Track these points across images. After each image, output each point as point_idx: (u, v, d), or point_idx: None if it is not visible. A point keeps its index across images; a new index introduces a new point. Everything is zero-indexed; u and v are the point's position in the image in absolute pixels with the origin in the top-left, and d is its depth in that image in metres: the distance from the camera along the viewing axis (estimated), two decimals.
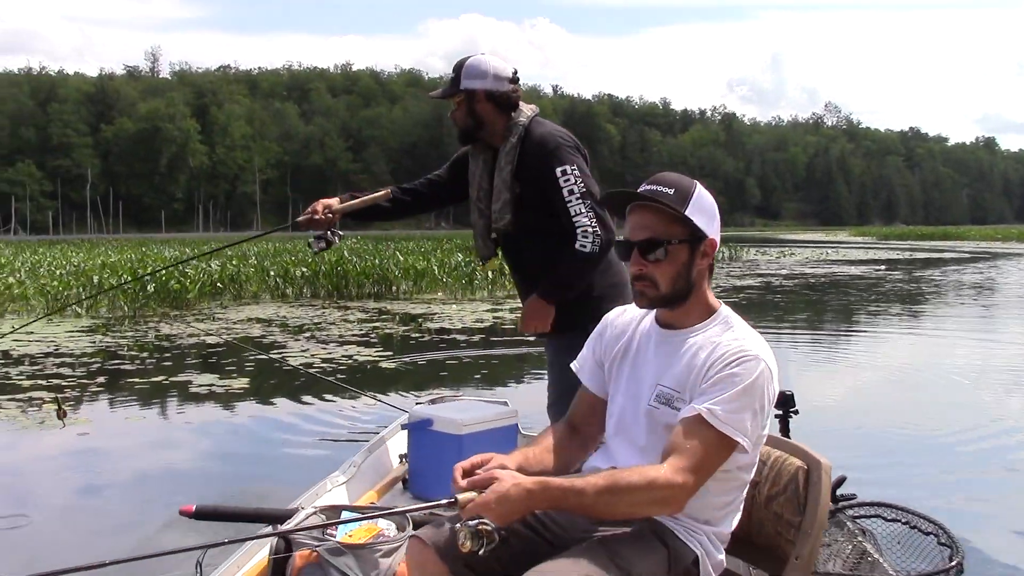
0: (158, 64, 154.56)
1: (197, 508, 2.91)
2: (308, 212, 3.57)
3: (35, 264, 24.16)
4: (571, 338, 3.31)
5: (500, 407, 3.56)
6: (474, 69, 3.35)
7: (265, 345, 11.76)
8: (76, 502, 5.39)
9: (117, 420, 7.56)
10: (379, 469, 3.65)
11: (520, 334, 3.54)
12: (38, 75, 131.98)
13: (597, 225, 3.19)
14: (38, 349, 11.38)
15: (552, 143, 3.29)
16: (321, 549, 2.51)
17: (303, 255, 25.83)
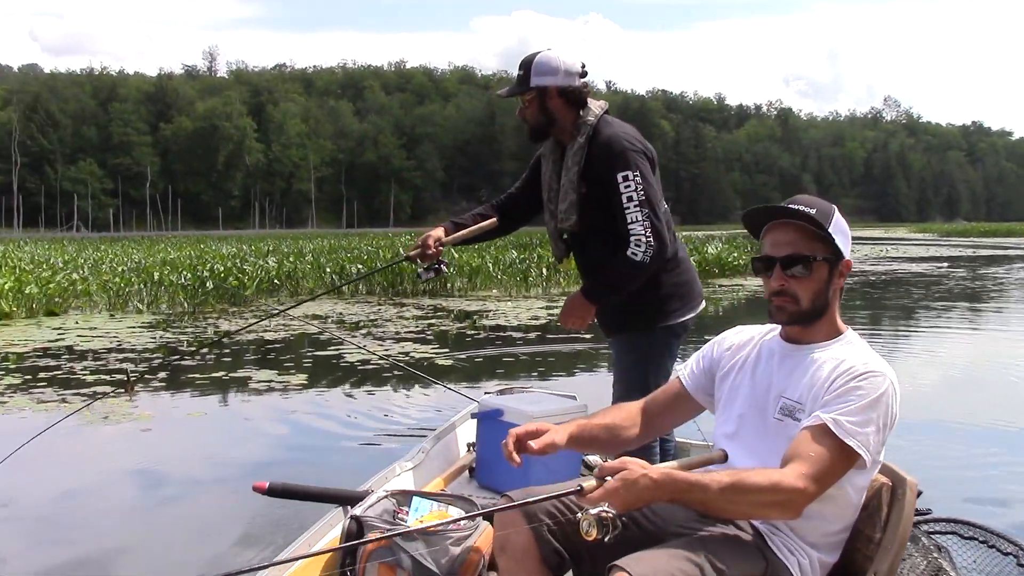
0: (215, 63, 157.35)
1: (270, 485, 2.96)
2: (419, 245, 3.58)
3: (97, 261, 24.62)
4: (637, 337, 3.44)
5: (569, 400, 3.52)
6: (544, 65, 3.30)
7: (323, 342, 11.82)
8: (150, 493, 5.43)
9: (179, 415, 7.61)
10: (447, 456, 3.65)
11: (578, 332, 3.49)
12: (99, 75, 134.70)
13: (651, 235, 3.17)
14: (101, 344, 11.55)
15: (618, 146, 3.25)
16: (393, 533, 2.53)
17: (358, 252, 26.03)
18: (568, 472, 3.37)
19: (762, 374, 2.24)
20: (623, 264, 3.20)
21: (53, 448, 6.43)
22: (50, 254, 28.20)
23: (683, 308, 3.44)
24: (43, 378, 9.11)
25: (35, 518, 4.94)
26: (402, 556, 2.53)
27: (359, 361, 10.15)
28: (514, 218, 3.76)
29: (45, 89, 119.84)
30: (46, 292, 15.83)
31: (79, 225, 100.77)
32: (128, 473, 5.88)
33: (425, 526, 2.64)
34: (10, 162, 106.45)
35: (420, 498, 2.84)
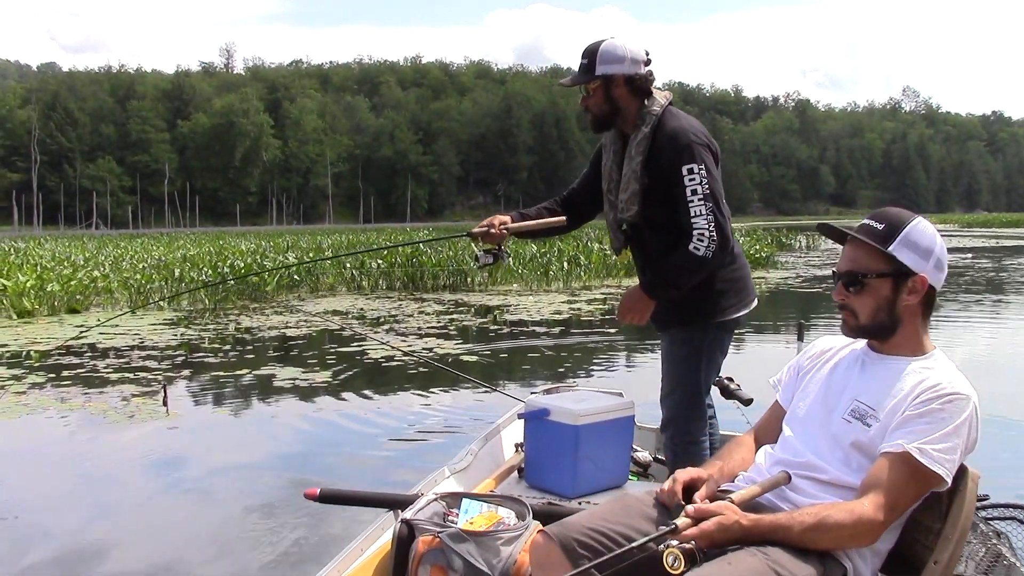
0: (232, 60, 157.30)
1: (321, 492, 2.98)
2: (485, 225, 3.49)
3: (117, 258, 24.65)
4: (690, 331, 3.36)
5: (616, 398, 3.44)
6: (610, 54, 3.24)
7: (345, 338, 11.74)
8: (188, 498, 5.35)
9: (204, 414, 7.55)
10: (495, 457, 3.64)
11: (618, 325, 3.43)
12: (117, 73, 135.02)
13: (714, 230, 3.12)
14: (123, 342, 11.52)
15: (684, 139, 3.17)
16: (444, 535, 2.56)
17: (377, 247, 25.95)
18: (616, 470, 3.31)
19: (841, 375, 2.27)
20: (684, 259, 3.15)
21: (82, 451, 6.38)
22: (70, 251, 28.25)
23: (738, 304, 3.39)
24: (67, 377, 9.07)
25: (70, 528, 4.86)
26: (453, 558, 2.53)
27: (383, 358, 10.07)
28: (579, 214, 3.68)
29: (63, 87, 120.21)
30: (68, 290, 15.83)
31: (98, 222, 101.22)
32: (164, 477, 5.81)
33: (475, 530, 2.62)
34: (30, 160, 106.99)
35: (470, 500, 2.82)
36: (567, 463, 3.17)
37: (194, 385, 8.81)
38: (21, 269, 18.81)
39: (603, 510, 2.28)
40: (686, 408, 3.35)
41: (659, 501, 2.25)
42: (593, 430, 3.20)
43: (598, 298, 16.89)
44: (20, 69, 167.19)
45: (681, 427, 3.36)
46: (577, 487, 3.18)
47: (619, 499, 2.36)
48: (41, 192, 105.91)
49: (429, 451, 6.12)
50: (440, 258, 20.79)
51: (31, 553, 4.34)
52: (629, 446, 3.44)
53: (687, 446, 3.35)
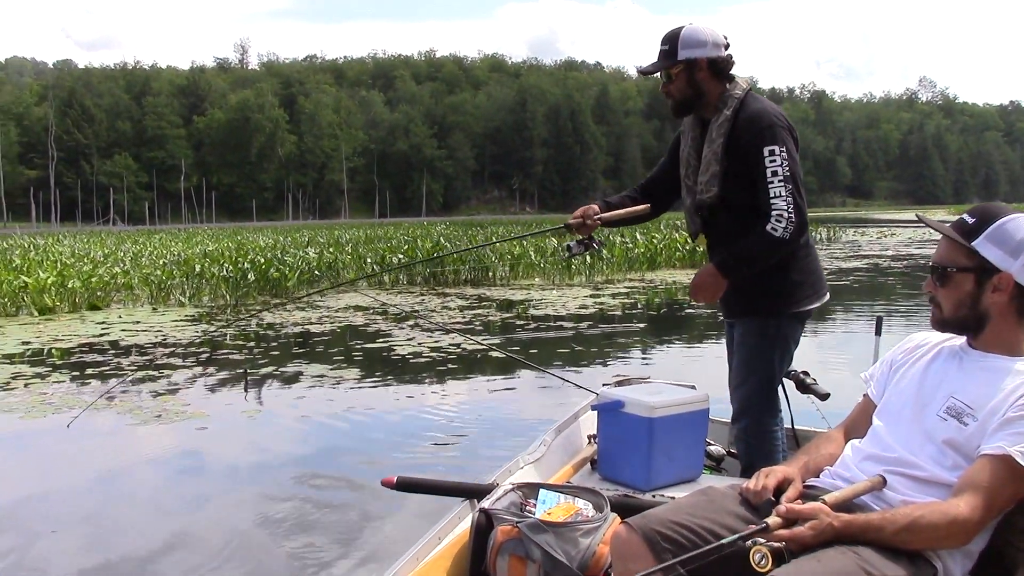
0: (247, 56, 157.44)
1: (399, 480, 3.00)
2: (579, 216, 3.49)
3: (137, 254, 24.58)
4: (764, 321, 3.33)
5: (690, 391, 3.34)
6: (692, 38, 3.23)
7: (370, 334, 11.58)
8: (248, 492, 5.21)
9: (234, 413, 7.37)
10: (568, 449, 3.60)
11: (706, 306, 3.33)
12: (132, 69, 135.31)
13: (793, 212, 3.09)
14: (146, 339, 11.39)
15: (766, 120, 3.15)
16: (523, 525, 2.56)
17: (397, 242, 25.82)
18: (690, 464, 3.26)
19: (937, 371, 2.21)
20: (762, 239, 3.12)
21: (114, 452, 6.23)
22: (89, 248, 28.23)
23: (812, 296, 3.35)
24: (91, 375, 8.93)
25: (123, 529, 4.70)
26: (532, 548, 2.53)
27: (410, 354, 9.89)
28: (659, 202, 3.63)
29: (79, 84, 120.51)
30: (88, 286, 15.73)
31: (115, 219, 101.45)
32: (210, 475, 5.70)
33: (554, 520, 2.61)
34: (47, 157, 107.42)
35: (547, 490, 2.81)
36: (641, 455, 3.12)
37: (221, 383, 8.66)
38: (41, 266, 18.74)
39: (687, 503, 2.24)
40: (759, 399, 3.33)
41: (744, 497, 2.20)
42: (668, 423, 3.14)
43: (622, 292, 16.69)
44: (36, 66, 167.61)
45: (754, 418, 3.33)
46: (651, 480, 3.13)
47: (703, 493, 2.30)
48: (58, 188, 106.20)
49: (497, 441, 6.11)
50: (463, 254, 20.65)
51: (95, 555, 4.18)
52: (703, 439, 3.36)
53: (760, 437, 3.33)
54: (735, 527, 2.07)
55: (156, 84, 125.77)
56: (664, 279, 19.62)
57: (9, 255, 23.60)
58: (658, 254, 22.73)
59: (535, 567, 2.54)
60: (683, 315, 13.80)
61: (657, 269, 21.94)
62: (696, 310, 14.09)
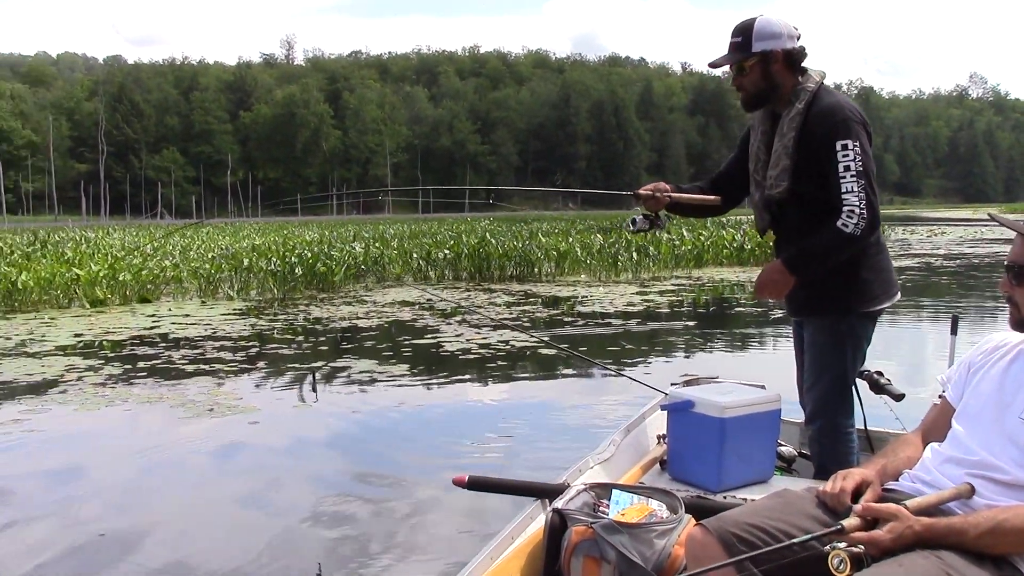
0: (293, 51, 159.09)
1: (470, 478, 2.98)
2: (650, 188, 3.43)
3: (185, 247, 24.81)
4: (835, 319, 3.24)
5: (761, 391, 3.32)
6: (767, 30, 3.16)
7: (418, 330, 11.55)
8: (308, 490, 5.12)
9: (285, 407, 7.36)
10: (638, 449, 3.59)
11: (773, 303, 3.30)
12: (180, 65, 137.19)
13: (865, 208, 3.01)
14: (196, 332, 11.45)
15: (840, 115, 3.08)
16: (597, 526, 2.56)
17: (442, 237, 25.81)
18: (761, 465, 3.24)
19: (1017, 373, 2.16)
20: (833, 235, 3.04)
21: (170, 445, 6.23)
22: (138, 240, 28.54)
23: (883, 296, 3.27)
24: (142, 368, 8.98)
25: (191, 525, 4.69)
26: (607, 549, 2.52)
27: (459, 351, 9.83)
28: (729, 197, 3.57)
29: (129, 79, 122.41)
30: (139, 279, 15.88)
31: (163, 212, 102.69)
32: (268, 472, 5.61)
33: (628, 521, 2.60)
34: (97, 151, 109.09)
35: (620, 491, 2.80)
36: (712, 456, 3.10)
37: (271, 377, 8.66)
38: (93, 259, 18.96)
39: (763, 506, 2.23)
40: (833, 399, 3.25)
41: (821, 500, 2.17)
42: (739, 423, 3.11)
43: (670, 289, 16.52)
44: (87, 62, 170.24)
45: (829, 419, 3.26)
46: (722, 481, 3.10)
47: (779, 495, 2.29)
48: (108, 182, 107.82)
49: (555, 439, 6.07)
50: (507, 247, 20.55)
51: (133, 556, 4.17)
52: (775, 440, 3.34)
53: (835, 439, 3.26)
54: (811, 530, 2.02)
55: (203, 79, 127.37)
56: (711, 276, 19.40)
57: (61, 248, 23.93)
58: (705, 251, 22.48)
59: (610, 568, 2.52)
60: (733, 313, 13.62)
61: (704, 267, 21.70)
62: (746, 308, 13.90)
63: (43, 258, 19.71)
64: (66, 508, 4.87)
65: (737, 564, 2.02)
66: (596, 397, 7.42)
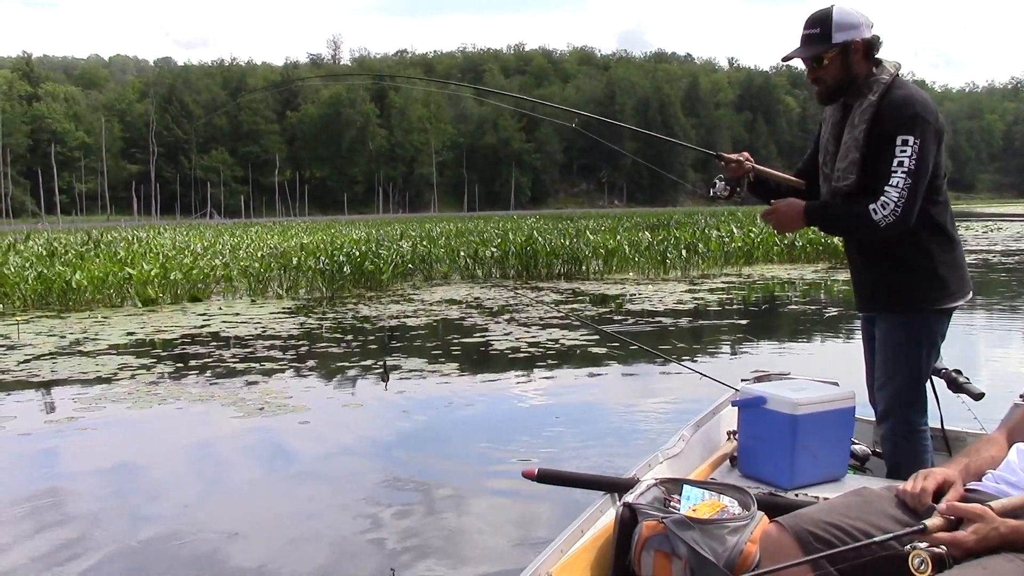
0: (339, 51, 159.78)
1: (540, 471, 2.95)
2: (740, 156, 3.40)
3: (234, 247, 25.04)
4: (908, 316, 3.18)
5: (835, 388, 3.24)
6: (845, 19, 3.05)
7: (466, 328, 11.49)
8: (377, 487, 5.09)
9: (335, 406, 7.33)
10: (707, 445, 3.55)
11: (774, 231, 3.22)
12: (229, 66, 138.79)
13: (901, 206, 2.94)
14: (246, 331, 11.49)
15: (911, 109, 3.00)
16: (669, 521, 2.54)
17: (489, 235, 25.75)
18: (834, 463, 3.16)
19: None
20: (860, 213, 3.00)
21: (222, 443, 6.23)
22: (189, 240, 28.88)
23: (957, 293, 3.20)
24: (194, 366, 9.01)
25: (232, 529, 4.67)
26: (679, 544, 2.50)
27: (509, 349, 9.75)
28: (810, 191, 3.45)
29: (179, 81, 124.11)
30: (189, 278, 16.02)
31: (212, 212, 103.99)
32: (316, 469, 5.61)
33: (699, 517, 2.57)
34: (148, 152, 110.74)
35: (691, 486, 2.78)
36: (784, 453, 3.04)
37: (320, 375, 8.65)
38: (144, 258, 19.18)
39: (840, 504, 2.19)
40: (906, 397, 3.19)
41: (901, 500, 2.12)
42: (812, 420, 3.04)
43: (720, 287, 16.31)
44: (138, 64, 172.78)
45: (901, 418, 3.20)
46: (794, 478, 3.04)
47: (857, 493, 2.24)
48: (158, 183, 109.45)
49: (616, 437, 6.04)
50: (554, 245, 20.45)
51: (187, 558, 4.14)
52: (849, 438, 3.26)
53: (908, 437, 3.20)
54: (891, 530, 1.98)
55: (251, 80, 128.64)
56: (762, 274, 19.15)
57: (114, 247, 24.25)
58: (755, 248, 22.20)
59: (681, 564, 2.50)
60: (787, 311, 13.38)
61: (754, 264, 21.44)
62: (799, 306, 13.66)
63: (96, 258, 19.97)
64: (120, 507, 4.87)
65: (813, 563, 1.98)
66: (654, 393, 7.36)
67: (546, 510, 4.55)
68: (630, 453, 4.78)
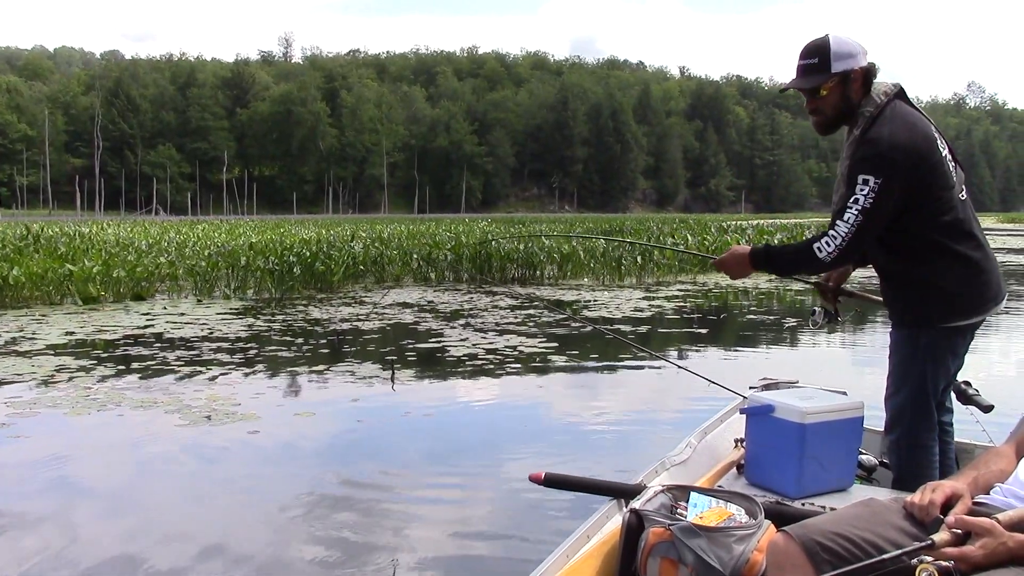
0: (290, 49, 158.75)
1: (547, 476, 2.94)
2: (828, 281, 3.64)
3: (180, 244, 24.40)
4: (915, 331, 3.17)
5: (843, 397, 3.25)
6: (843, 48, 3.04)
7: (421, 333, 11.18)
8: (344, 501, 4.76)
9: (286, 414, 6.97)
10: (714, 452, 3.55)
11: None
12: (178, 61, 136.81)
13: (847, 243, 2.98)
14: (192, 332, 11.08)
15: (874, 149, 2.96)
16: (675, 528, 2.53)
17: (442, 238, 25.43)
18: (842, 473, 3.15)
19: None
20: (805, 250, 3.06)
21: (166, 456, 5.85)
22: (133, 236, 28.10)
23: (973, 310, 3.14)
24: (136, 369, 8.61)
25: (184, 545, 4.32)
26: (685, 552, 2.49)
27: (466, 356, 9.47)
28: None
29: (126, 75, 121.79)
30: (133, 275, 15.49)
31: (158, 208, 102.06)
32: (265, 484, 5.25)
33: (706, 524, 2.56)
34: (92, 146, 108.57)
35: (698, 494, 2.77)
36: (791, 462, 3.05)
37: (270, 381, 8.29)
38: (87, 254, 18.57)
39: (848, 514, 2.18)
40: (911, 410, 3.18)
41: (909, 512, 2.11)
42: (820, 429, 3.04)
43: (676, 295, 16.20)
44: (84, 56, 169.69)
45: (907, 429, 3.20)
46: (802, 488, 3.04)
47: (865, 504, 2.24)
48: (103, 177, 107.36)
49: (631, 440, 6.09)
50: (509, 249, 20.21)
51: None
52: (856, 448, 3.24)
53: (913, 450, 3.20)
54: (899, 542, 2.01)
55: (201, 76, 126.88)
56: (717, 282, 19.09)
57: (55, 243, 23.50)
58: (710, 256, 22.13)
59: (687, 571, 2.50)
60: (745, 320, 13.27)
61: (709, 272, 21.39)
62: (758, 316, 13.57)
63: (36, 253, 19.29)
64: (54, 520, 4.50)
65: (819, 574, 1.98)
66: (606, 396, 7.11)
67: (543, 520, 4.28)
68: (576, 460, 4.59)
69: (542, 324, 12.02)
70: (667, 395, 7.66)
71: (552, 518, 4.45)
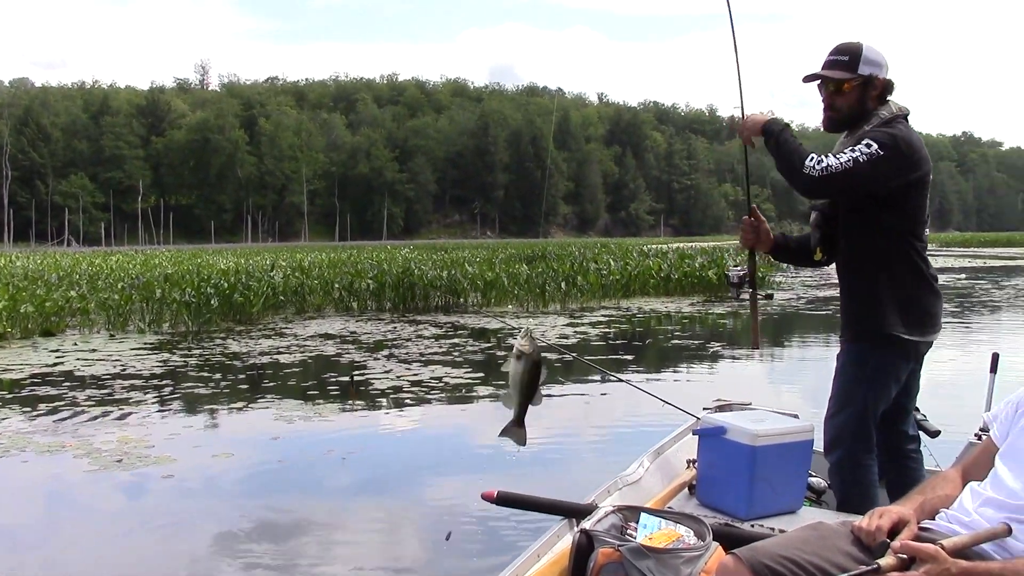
0: (207, 76, 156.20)
1: (499, 494, 2.94)
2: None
3: (93, 276, 23.64)
4: (861, 348, 3.25)
5: (794, 420, 3.33)
6: (872, 56, 3.19)
7: (344, 365, 10.94)
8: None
9: (203, 456, 6.68)
10: (667, 472, 3.57)
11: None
12: (91, 88, 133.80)
13: (830, 173, 3.01)
14: (104, 369, 10.66)
15: (887, 129, 3.11)
16: (624, 549, 2.53)
17: (363, 266, 25.13)
18: (790, 493, 3.18)
19: None
20: (799, 156, 3.10)
21: (74, 506, 5.54)
22: (43, 269, 27.18)
23: (920, 326, 3.22)
24: (43, 411, 8.22)
25: None
26: (634, 573, 2.50)
27: (390, 388, 9.27)
28: None
29: (36, 102, 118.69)
30: (42, 310, 14.91)
31: (70, 239, 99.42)
32: (181, 535, 4.98)
33: (655, 546, 2.58)
34: (0, 176, 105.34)
35: (648, 515, 2.79)
36: (742, 484, 3.07)
37: (186, 421, 7.99)
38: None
39: (796, 538, 2.20)
40: (851, 431, 3.24)
41: (856, 536, 2.13)
42: (771, 452, 3.07)
43: (601, 320, 16.19)
44: None
45: (847, 451, 3.25)
46: (751, 509, 3.06)
47: (813, 528, 2.26)
48: (12, 208, 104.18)
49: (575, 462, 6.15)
50: (432, 277, 20.02)
51: None
52: (806, 471, 3.29)
53: (853, 470, 3.25)
54: (845, 566, 2.03)
55: (114, 103, 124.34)
56: (640, 307, 19.17)
57: None
58: (632, 281, 22.27)
59: None
60: (670, 346, 13.29)
61: (632, 296, 21.49)
62: (682, 340, 13.61)
63: None
64: None
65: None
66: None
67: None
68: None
69: (467, 353, 11.87)
70: (617, 415, 7.63)
71: (501, 538, 4.43)
